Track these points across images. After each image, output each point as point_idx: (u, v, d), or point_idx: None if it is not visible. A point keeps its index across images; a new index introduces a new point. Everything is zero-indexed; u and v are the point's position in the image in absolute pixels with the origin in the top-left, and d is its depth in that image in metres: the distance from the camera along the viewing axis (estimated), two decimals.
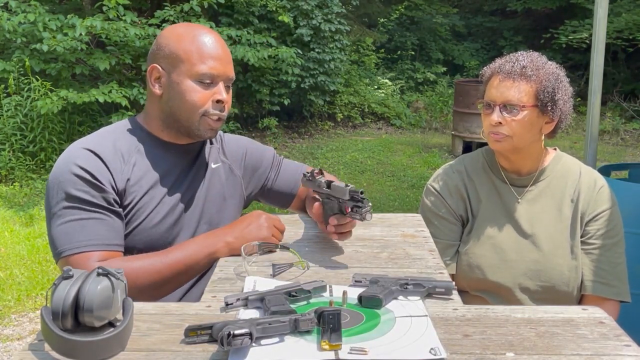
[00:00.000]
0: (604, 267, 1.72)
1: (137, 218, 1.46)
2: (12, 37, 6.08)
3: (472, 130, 7.15)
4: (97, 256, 1.37)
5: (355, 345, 0.96)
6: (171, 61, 1.47)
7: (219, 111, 1.49)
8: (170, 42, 1.49)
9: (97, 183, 1.40)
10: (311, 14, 8.17)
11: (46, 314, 0.93)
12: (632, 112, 8.69)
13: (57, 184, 1.41)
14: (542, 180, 1.76)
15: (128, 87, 6.28)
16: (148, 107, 1.56)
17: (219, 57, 1.48)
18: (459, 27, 12.35)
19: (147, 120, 1.55)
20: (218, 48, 1.49)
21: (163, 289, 1.41)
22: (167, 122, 1.52)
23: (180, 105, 1.48)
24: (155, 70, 1.49)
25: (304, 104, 8.62)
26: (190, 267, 1.42)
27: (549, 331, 1.03)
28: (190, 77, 1.46)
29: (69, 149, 1.47)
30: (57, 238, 1.39)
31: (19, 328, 3.34)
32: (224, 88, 1.50)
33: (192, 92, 1.46)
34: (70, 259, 1.36)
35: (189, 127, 1.49)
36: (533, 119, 1.66)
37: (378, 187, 6.16)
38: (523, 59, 1.67)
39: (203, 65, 1.46)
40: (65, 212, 1.39)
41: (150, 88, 1.51)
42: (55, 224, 1.40)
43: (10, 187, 5.73)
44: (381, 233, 1.56)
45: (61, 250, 1.38)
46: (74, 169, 1.40)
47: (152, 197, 1.48)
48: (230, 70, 1.52)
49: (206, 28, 1.54)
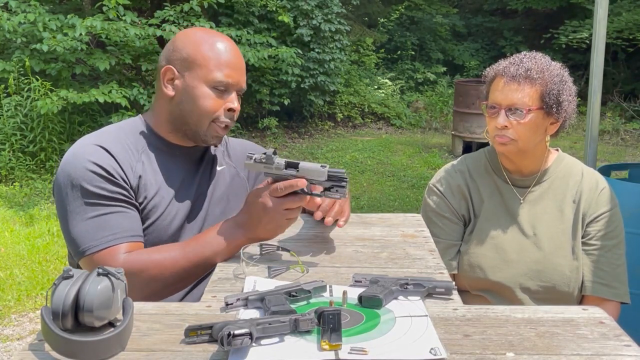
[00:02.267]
0: (605, 268, 1.72)
1: (149, 217, 1.46)
2: (12, 37, 6.09)
3: (472, 130, 7.15)
4: (123, 248, 1.35)
5: (355, 345, 0.95)
6: (187, 64, 1.47)
7: (230, 119, 1.50)
8: (188, 46, 1.48)
9: (113, 178, 1.39)
10: (311, 14, 8.17)
11: (46, 314, 0.93)
12: (632, 112, 8.69)
13: (70, 181, 1.38)
14: (545, 181, 1.76)
15: (128, 87, 6.28)
16: (156, 107, 1.55)
17: (236, 66, 1.49)
18: (459, 27, 12.35)
19: (154, 120, 1.54)
20: (235, 57, 1.50)
21: (185, 282, 1.40)
22: (175, 124, 1.51)
23: (192, 109, 1.47)
24: (170, 72, 1.49)
25: (304, 104, 8.62)
26: (208, 262, 1.37)
27: (549, 331, 1.03)
28: (206, 82, 1.46)
29: (78, 146, 1.44)
30: (78, 237, 1.36)
31: (19, 328, 3.34)
32: (236, 97, 1.50)
33: (206, 97, 1.46)
34: (96, 256, 1.34)
35: (196, 132, 1.49)
36: (539, 121, 1.65)
37: (378, 187, 6.16)
38: (527, 61, 1.66)
39: (219, 72, 1.46)
40: (85, 209, 1.36)
41: (161, 88, 1.50)
42: (74, 223, 1.37)
43: (10, 187, 5.73)
44: (381, 233, 1.56)
45: (85, 248, 1.35)
46: (88, 165, 1.38)
47: (162, 197, 1.48)
48: (244, 80, 1.53)
49: (225, 36, 1.54)
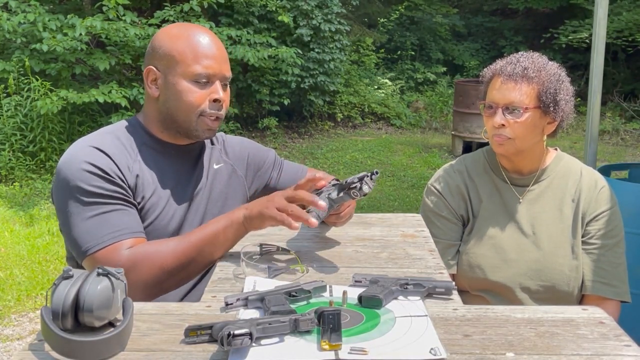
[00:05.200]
0: (605, 267, 1.72)
1: (148, 217, 1.46)
2: (12, 37, 6.09)
3: (472, 130, 7.15)
4: (126, 244, 1.34)
5: (355, 345, 0.96)
6: (166, 62, 1.47)
7: (216, 110, 1.49)
8: (165, 43, 1.48)
9: (110, 177, 1.39)
10: (311, 14, 8.16)
11: (46, 314, 0.93)
12: (632, 112, 8.68)
13: (67, 183, 1.38)
14: (543, 180, 1.76)
15: (128, 87, 6.28)
16: (146, 108, 1.56)
17: (214, 56, 1.47)
18: (459, 27, 12.34)
19: (146, 121, 1.55)
20: (212, 47, 1.48)
21: (189, 269, 1.38)
22: (165, 124, 1.51)
23: (177, 106, 1.47)
24: (152, 72, 1.49)
25: (304, 104, 8.61)
26: (211, 241, 1.37)
27: (549, 331, 1.03)
28: (186, 77, 1.45)
29: (73, 148, 1.45)
30: (79, 237, 1.35)
31: (19, 328, 3.34)
32: (220, 87, 1.49)
33: (189, 92, 1.46)
34: (98, 254, 1.33)
35: (187, 128, 1.49)
36: (535, 120, 1.66)
37: (378, 187, 6.16)
38: (524, 60, 1.67)
39: (198, 65, 1.45)
40: (84, 210, 1.36)
41: (147, 90, 1.51)
42: (75, 224, 1.36)
43: (10, 187, 5.73)
44: (381, 233, 1.56)
45: (87, 248, 1.34)
46: (84, 166, 1.38)
47: (160, 197, 1.48)
48: (226, 69, 1.51)
49: (201, 27, 1.53)
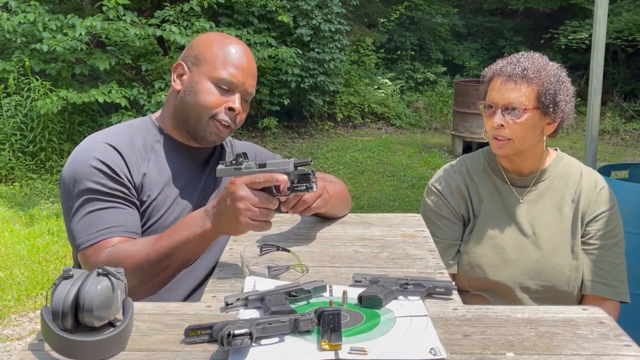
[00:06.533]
0: (604, 267, 1.72)
1: (153, 216, 1.47)
2: (12, 37, 6.09)
3: (472, 130, 7.15)
4: (113, 242, 1.35)
5: (355, 345, 0.96)
6: (197, 61, 1.52)
7: (229, 118, 1.50)
8: (201, 45, 1.53)
9: (115, 176, 1.41)
10: (311, 14, 8.16)
11: (46, 314, 0.93)
12: (632, 112, 8.68)
13: (74, 177, 1.41)
14: (543, 180, 1.76)
15: (128, 87, 6.28)
16: (166, 103, 1.59)
17: (242, 67, 1.51)
18: (459, 27, 12.34)
19: (163, 117, 1.58)
20: (242, 59, 1.51)
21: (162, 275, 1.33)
22: (178, 120, 1.54)
23: (193, 103, 1.49)
24: (180, 67, 1.54)
25: (304, 104, 8.61)
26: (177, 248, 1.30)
27: (549, 331, 1.03)
28: (210, 79, 1.49)
29: (86, 142, 1.47)
30: (75, 231, 1.38)
31: (19, 328, 3.34)
32: (239, 99, 1.51)
33: (207, 93, 1.48)
34: (87, 251, 1.35)
35: (196, 128, 1.51)
36: (535, 121, 1.66)
37: (378, 187, 6.16)
38: (524, 61, 1.67)
39: (224, 70, 1.48)
40: (84, 205, 1.38)
41: (172, 84, 1.55)
42: (74, 218, 1.39)
43: (10, 187, 5.73)
44: (381, 233, 1.56)
45: (79, 243, 1.37)
46: (92, 162, 1.40)
47: (167, 196, 1.50)
48: (250, 84, 1.53)
49: (238, 40, 1.57)
